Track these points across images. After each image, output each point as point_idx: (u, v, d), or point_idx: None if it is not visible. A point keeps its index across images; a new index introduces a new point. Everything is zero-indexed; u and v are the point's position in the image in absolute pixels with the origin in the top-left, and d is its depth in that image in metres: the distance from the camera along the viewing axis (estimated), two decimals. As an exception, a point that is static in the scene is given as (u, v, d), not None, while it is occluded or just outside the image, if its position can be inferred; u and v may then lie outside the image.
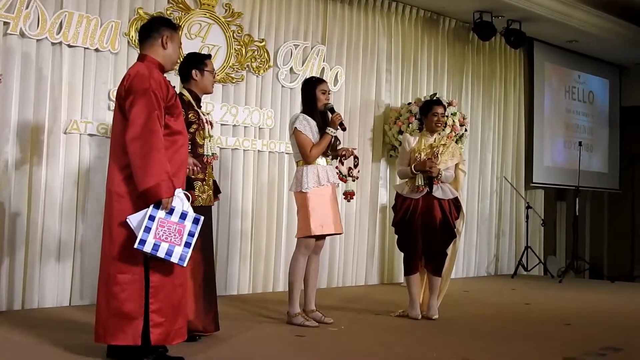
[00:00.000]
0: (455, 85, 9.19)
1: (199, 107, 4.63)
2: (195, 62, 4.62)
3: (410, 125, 7.79)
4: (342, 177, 5.31)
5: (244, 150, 6.89)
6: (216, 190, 4.74)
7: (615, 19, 9.98)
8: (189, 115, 4.44)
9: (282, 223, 7.17)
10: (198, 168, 4.10)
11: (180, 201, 3.62)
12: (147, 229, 3.50)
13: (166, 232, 3.55)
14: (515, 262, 9.76)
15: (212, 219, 4.85)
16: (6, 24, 5.37)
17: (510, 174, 9.96)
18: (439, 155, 5.56)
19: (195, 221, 3.66)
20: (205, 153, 4.52)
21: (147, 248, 3.51)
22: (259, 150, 7.00)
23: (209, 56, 4.76)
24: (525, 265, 9.52)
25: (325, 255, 7.31)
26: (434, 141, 5.70)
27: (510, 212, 10.00)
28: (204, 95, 4.82)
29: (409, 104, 8.13)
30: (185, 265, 3.64)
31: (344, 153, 5.33)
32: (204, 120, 4.56)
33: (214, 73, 4.71)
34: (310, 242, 5.19)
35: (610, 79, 11.85)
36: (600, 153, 11.55)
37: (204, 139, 4.53)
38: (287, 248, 7.04)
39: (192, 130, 4.44)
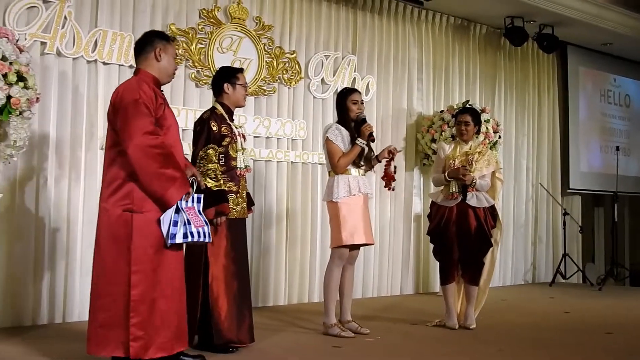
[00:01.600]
0: (487, 92, 9.17)
1: (232, 120, 4.71)
2: (227, 76, 4.71)
3: (442, 133, 7.80)
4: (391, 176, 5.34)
5: (277, 161, 6.96)
6: (250, 203, 4.80)
7: (650, 19, 9.90)
8: (222, 129, 4.52)
9: (316, 233, 7.21)
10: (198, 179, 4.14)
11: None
12: (175, 223, 3.67)
13: (192, 217, 3.73)
14: (552, 269, 9.69)
15: (247, 231, 4.91)
16: (43, 43, 5.52)
17: (546, 180, 9.90)
18: (473, 163, 5.56)
19: (199, 200, 3.85)
20: (238, 166, 4.60)
21: (179, 239, 3.68)
22: (292, 162, 7.06)
23: (240, 70, 4.83)
24: (564, 273, 9.44)
25: (360, 265, 7.34)
26: (469, 149, 5.70)
27: (547, 219, 9.93)
28: (237, 108, 4.89)
29: (442, 111, 8.14)
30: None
31: (384, 157, 5.34)
32: (237, 133, 4.63)
33: (246, 86, 4.78)
34: (343, 252, 5.22)
35: (647, 82, 11.74)
36: (637, 157, 11.41)
37: (236, 152, 4.60)
38: (322, 258, 7.08)
39: (224, 143, 4.52)
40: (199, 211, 3.84)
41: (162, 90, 3.99)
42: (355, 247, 5.32)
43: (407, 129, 8.20)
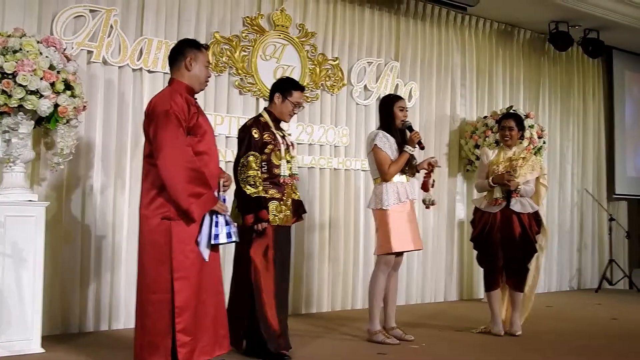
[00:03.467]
0: (532, 98, 8.99)
1: (278, 128, 4.64)
2: (283, 87, 4.67)
3: (486, 139, 7.64)
4: (428, 187, 5.23)
5: (320, 168, 6.88)
6: (300, 210, 4.73)
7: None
8: (264, 136, 4.47)
9: (359, 240, 7.11)
10: (229, 183, 4.06)
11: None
12: (217, 224, 3.70)
13: (227, 217, 3.76)
14: (598, 276, 9.46)
15: (291, 238, 4.83)
16: (90, 52, 5.51)
17: (591, 185, 9.67)
18: (517, 168, 5.45)
19: (224, 201, 3.84)
20: (282, 174, 4.51)
21: (223, 239, 3.71)
22: (334, 169, 6.98)
23: (300, 87, 4.74)
24: (610, 279, 9.22)
25: (403, 271, 7.20)
26: (513, 154, 5.58)
27: (592, 225, 9.70)
28: None
29: (485, 117, 8.00)
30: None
31: (423, 167, 5.26)
32: (281, 142, 4.55)
33: (295, 104, 4.68)
34: (390, 259, 5.13)
35: (694, 85, 11.34)
36: (685, 162, 11.06)
37: (280, 160, 4.51)
38: (365, 265, 6.99)
39: (267, 150, 4.46)
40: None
41: (196, 99, 3.94)
42: (401, 253, 5.23)
43: (451, 135, 8.07)
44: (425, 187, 5.25)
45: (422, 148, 5.21)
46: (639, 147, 10.36)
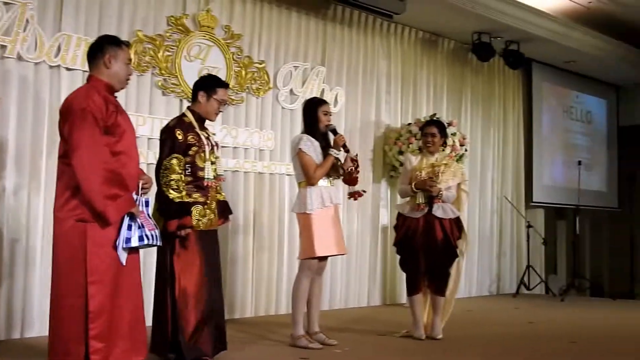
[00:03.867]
0: (454, 106, 9.11)
1: (203, 128, 4.48)
2: (206, 85, 4.50)
3: (410, 145, 7.69)
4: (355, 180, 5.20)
5: (245, 172, 6.77)
6: (226, 211, 4.59)
7: (612, 39, 9.96)
8: (188, 137, 4.30)
9: (283, 245, 7.03)
10: (148, 185, 3.90)
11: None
12: (129, 227, 3.58)
13: (144, 221, 3.66)
14: (517, 281, 9.63)
15: (218, 241, 4.65)
16: (3, 47, 5.22)
17: (510, 193, 9.86)
18: (439, 174, 5.46)
19: (147, 204, 3.76)
20: (206, 176, 4.35)
21: (135, 242, 3.58)
22: (259, 172, 6.88)
23: (224, 84, 4.60)
24: (527, 285, 9.40)
25: (327, 276, 7.15)
26: (436, 160, 5.60)
27: (511, 231, 9.89)
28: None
29: (409, 124, 8.04)
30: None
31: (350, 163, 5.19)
32: (205, 143, 4.39)
33: (221, 102, 4.53)
34: (313, 263, 5.06)
35: (608, 99, 11.81)
36: (598, 172, 11.48)
37: (205, 162, 4.36)
38: (289, 270, 6.92)
39: (191, 152, 4.29)
40: (147, 215, 3.74)
41: (116, 97, 3.79)
42: (324, 258, 5.17)
43: (375, 141, 8.08)
44: (352, 180, 5.19)
45: (347, 151, 5.16)
46: (555, 157, 10.65)
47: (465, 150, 8.07)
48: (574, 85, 11.09)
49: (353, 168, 5.16)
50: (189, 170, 4.27)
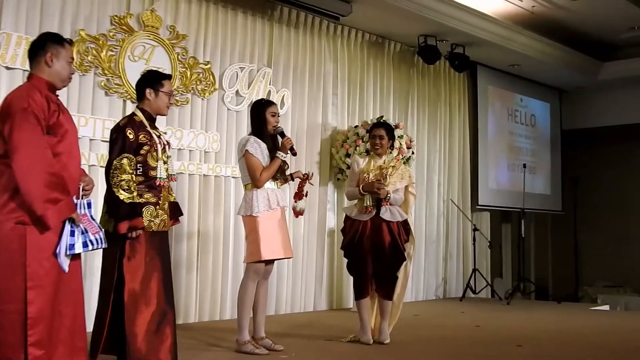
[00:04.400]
0: (401, 108, 9.25)
1: (154, 127, 4.48)
2: (151, 81, 4.49)
3: (357, 148, 7.78)
4: (302, 195, 5.31)
5: (189, 174, 6.77)
6: (177, 212, 4.58)
7: (556, 43, 10.19)
8: (140, 136, 4.30)
9: (229, 249, 7.04)
10: (90, 187, 3.86)
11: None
12: (72, 232, 3.54)
13: (87, 225, 3.63)
14: (463, 284, 9.79)
15: (169, 243, 4.69)
16: (-61, 45, 5.16)
17: (457, 196, 10.03)
18: (387, 177, 5.54)
19: (89, 205, 3.72)
20: (158, 176, 4.35)
21: (79, 249, 3.55)
22: (204, 175, 6.89)
23: (167, 76, 4.61)
24: (474, 288, 9.55)
25: (273, 281, 7.20)
26: (383, 163, 5.67)
27: (457, 235, 10.06)
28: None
29: (356, 126, 8.14)
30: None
31: (298, 176, 5.34)
32: (157, 142, 4.40)
33: (170, 95, 4.57)
34: (259, 267, 5.09)
35: (551, 103, 12.09)
36: (543, 175, 11.73)
37: (157, 161, 4.36)
38: (235, 274, 6.93)
39: (143, 152, 4.29)
40: (91, 217, 3.70)
41: (58, 95, 3.76)
42: (271, 261, 5.20)
43: (322, 144, 8.16)
44: (299, 195, 5.29)
45: (294, 154, 5.23)
46: (499, 160, 10.87)
47: (412, 152, 8.19)
48: (519, 89, 11.31)
49: (303, 184, 5.32)
50: (141, 170, 4.27)
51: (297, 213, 5.32)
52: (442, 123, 9.90)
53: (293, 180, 5.37)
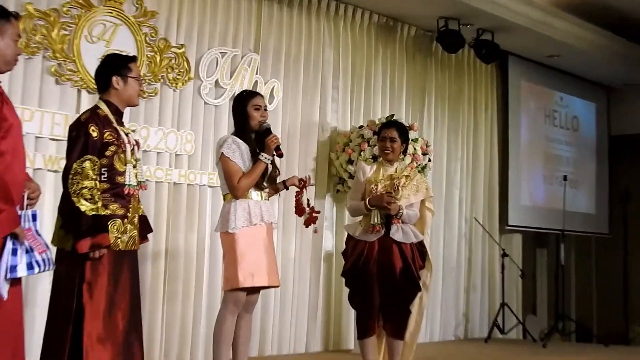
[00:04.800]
0: (416, 106, 9.23)
1: (121, 123, 4.44)
2: (117, 67, 4.45)
3: (362, 153, 7.74)
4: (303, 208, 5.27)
5: (157, 182, 6.73)
6: (146, 228, 4.55)
7: (604, 31, 10.19)
8: (105, 134, 4.24)
9: (203, 273, 7.00)
10: (36, 195, 3.81)
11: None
12: (14, 251, 3.48)
13: (32, 242, 3.59)
14: (488, 322, 9.74)
15: (138, 266, 4.58)
16: None
17: (482, 214, 9.99)
18: (399, 189, 5.50)
19: (34, 218, 3.69)
20: (127, 182, 4.30)
21: (22, 272, 3.50)
22: (175, 183, 6.85)
23: (133, 58, 4.60)
24: (502, 327, 9.49)
25: (257, 314, 7.12)
26: (395, 171, 5.65)
27: (483, 261, 10.02)
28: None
29: (361, 127, 8.10)
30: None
31: (293, 184, 5.32)
32: (126, 141, 4.36)
33: (140, 80, 4.56)
34: (239, 296, 5.01)
35: (597, 103, 12.09)
36: (586, 190, 11.72)
37: (125, 165, 4.32)
38: (210, 305, 6.90)
39: (108, 153, 4.24)
40: (36, 231, 3.66)
41: (0, 82, 3.70)
42: (255, 290, 5.13)
43: (319, 147, 8.13)
44: (299, 208, 5.25)
45: (280, 155, 5.16)
46: (534, 172, 10.85)
47: (429, 160, 8.15)
48: (558, 85, 11.30)
49: (300, 191, 5.27)
50: (106, 176, 4.22)
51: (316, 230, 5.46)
52: (465, 125, 9.88)
53: (287, 189, 5.32)
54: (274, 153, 5.09)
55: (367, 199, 5.52)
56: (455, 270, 9.63)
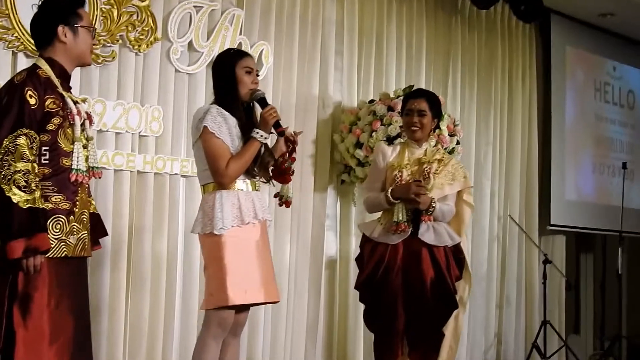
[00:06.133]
0: (438, 76, 9.13)
1: (68, 88, 4.25)
2: (62, 14, 4.25)
3: (374, 134, 7.58)
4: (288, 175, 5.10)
5: (115, 170, 6.51)
6: (98, 230, 4.43)
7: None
8: (47, 102, 4.05)
9: (174, 285, 6.83)
10: None
11: None
12: None
13: None
14: (526, 344, 9.70)
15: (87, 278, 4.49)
16: None
17: (518, 211, 9.91)
18: (430, 176, 5.38)
19: None
20: (75, 166, 4.12)
21: None
22: (138, 171, 6.67)
23: (81, 2, 4.40)
24: (543, 350, 9.31)
25: (243, 335, 6.88)
26: (424, 154, 5.52)
27: (519, 269, 9.94)
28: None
29: (372, 101, 7.98)
30: None
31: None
32: (75, 111, 4.16)
33: (93, 30, 4.40)
34: (226, 316, 4.84)
35: (659, 74, 12.10)
36: (643, 181, 11.72)
37: (73, 143, 4.13)
38: (185, 324, 6.83)
39: (51, 127, 4.06)
40: None
41: None
42: (244, 307, 4.98)
43: (319, 127, 7.98)
44: (287, 175, 5.08)
45: (280, 134, 5.01)
46: (582, 158, 10.78)
47: (457, 143, 8.05)
48: (611, 52, 11.23)
49: (286, 153, 5.07)
50: (47, 157, 4.05)
51: (284, 202, 5.16)
52: (498, 100, 9.81)
53: (276, 160, 5.12)
54: (272, 130, 4.92)
55: (390, 190, 5.39)
56: (486, 280, 9.52)
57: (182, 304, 6.85)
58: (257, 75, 5.09)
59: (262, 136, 4.86)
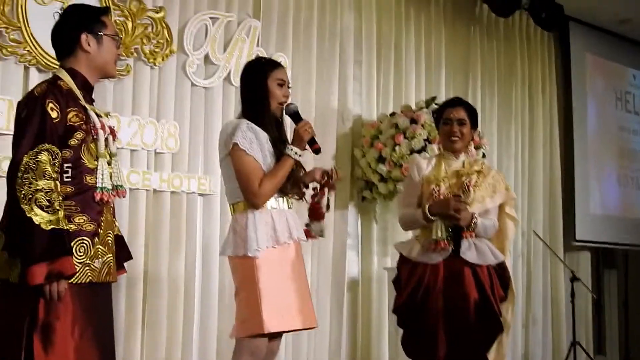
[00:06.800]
0: (458, 86, 9.18)
1: (91, 101, 4.08)
2: (86, 21, 4.11)
3: (397, 148, 7.55)
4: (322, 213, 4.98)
5: (131, 189, 6.45)
6: (123, 254, 4.26)
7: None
8: (70, 115, 3.88)
9: (192, 309, 6.77)
10: None
11: None
12: None
13: None
14: (554, 366, 9.62)
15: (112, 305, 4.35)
16: None
17: (542, 226, 9.88)
18: (470, 189, 5.23)
19: None
20: (100, 185, 3.95)
21: None
22: (154, 190, 6.65)
23: (106, 10, 4.32)
24: (572, 372, 9.31)
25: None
26: (462, 166, 5.37)
27: (545, 287, 9.92)
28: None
29: (393, 114, 7.93)
30: None
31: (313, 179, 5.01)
32: (98, 126, 4.01)
33: (119, 40, 4.24)
34: (260, 344, 4.68)
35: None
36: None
37: (97, 160, 3.97)
38: (201, 350, 6.77)
39: (74, 142, 3.88)
40: None
41: None
42: (277, 335, 4.82)
43: (339, 141, 7.99)
44: (316, 212, 4.95)
45: (316, 151, 4.87)
46: (606, 171, 10.74)
47: (483, 155, 7.97)
48: (632, 59, 11.23)
49: (319, 186, 4.98)
50: (69, 174, 3.88)
51: (313, 236, 5.02)
52: (519, 112, 9.88)
53: (307, 187, 5.03)
54: (307, 147, 4.79)
55: (427, 205, 5.22)
56: (510, 298, 9.36)
57: (200, 327, 6.82)
58: (289, 87, 4.98)
59: (296, 153, 4.74)
